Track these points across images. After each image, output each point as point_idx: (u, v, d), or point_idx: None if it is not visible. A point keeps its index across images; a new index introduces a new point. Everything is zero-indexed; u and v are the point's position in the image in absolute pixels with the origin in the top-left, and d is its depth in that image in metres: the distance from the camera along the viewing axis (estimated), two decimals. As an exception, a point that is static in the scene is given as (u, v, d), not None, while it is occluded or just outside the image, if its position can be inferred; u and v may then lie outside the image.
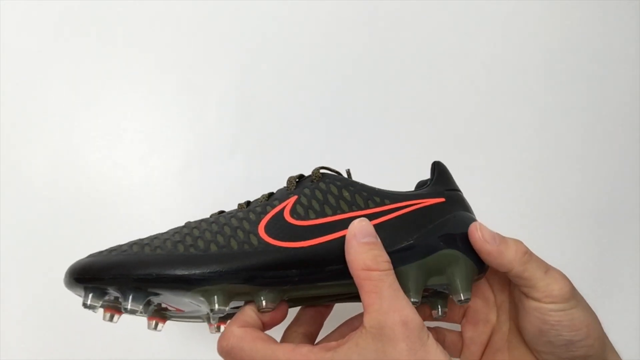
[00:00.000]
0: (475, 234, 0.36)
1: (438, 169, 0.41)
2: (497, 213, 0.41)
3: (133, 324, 0.49)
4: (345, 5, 0.63)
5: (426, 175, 0.42)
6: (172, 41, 0.60)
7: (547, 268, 0.36)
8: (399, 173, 0.43)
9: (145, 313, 0.36)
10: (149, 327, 0.38)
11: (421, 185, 0.43)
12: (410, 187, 0.42)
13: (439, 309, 0.40)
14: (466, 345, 0.41)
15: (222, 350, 0.33)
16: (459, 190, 0.40)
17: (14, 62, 0.57)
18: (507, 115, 0.62)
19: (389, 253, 0.35)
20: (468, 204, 0.40)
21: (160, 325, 0.38)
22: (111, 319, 0.37)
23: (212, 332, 0.37)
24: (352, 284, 0.35)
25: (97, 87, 0.57)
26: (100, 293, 0.34)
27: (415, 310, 0.31)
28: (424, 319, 0.40)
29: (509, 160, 0.60)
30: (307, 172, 0.40)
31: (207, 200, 0.41)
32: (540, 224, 0.56)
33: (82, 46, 0.58)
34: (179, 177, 0.56)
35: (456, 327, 0.44)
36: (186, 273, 0.33)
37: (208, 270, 0.33)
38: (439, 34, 0.64)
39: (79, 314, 0.49)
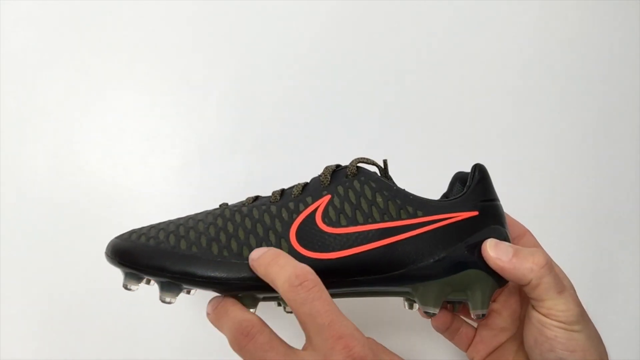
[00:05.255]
0: (487, 252, 0.36)
1: (479, 174, 0.39)
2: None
3: (133, 325, 0.53)
4: (347, 3, 0.59)
5: (424, 175, 0.41)
6: (172, 41, 0.57)
7: (562, 288, 0.35)
8: (400, 172, 0.42)
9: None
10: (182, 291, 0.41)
11: (457, 179, 0.42)
12: (416, 184, 0.41)
13: (454, 306, 0.43)
14: (475, 342, 0.43)
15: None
16: (496, 200, 0.39)
17: (14, 62, 0.54)
18: (506, 115, 0.60)
19: (416, 268, 0.36)
20: (502, 215, 0.39)
21: (193, 290, 0.41)
22: (148, 282, 0.40)
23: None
24: (372, 291, 0.38)
25: (97, 87, 0.55)
26: (137, 278, 0.37)
27: None
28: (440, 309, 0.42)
29: (508, 160, 0.59)
30: (307, 172, 0.41)
31: (208, 200, 0.40)
32: (540, 224, 0.55)
33: (81, 46, 0.56)
34: (179, 177, 0.55)
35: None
36: (219, 276, 0.35)
37: (240, 278, 0.35)
38: (440, 33, 0.61)
39: (79, 314, 0.52)
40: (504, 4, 0.62)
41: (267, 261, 0.33)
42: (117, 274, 0.47)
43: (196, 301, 0.53)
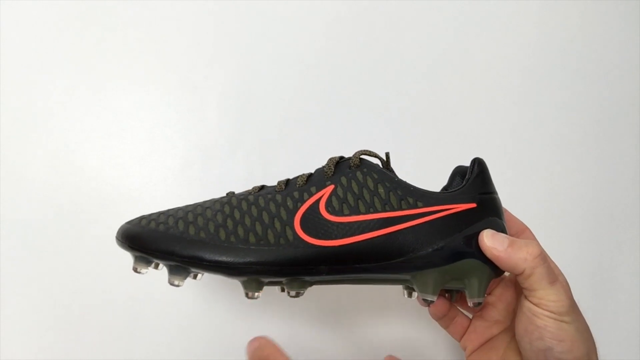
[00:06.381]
0: (484, 242, 0.37)
1: (478, 168, 0.41)
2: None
3: (134, 325, 0.53)
4: (346, 3, 0.59)
5: (425, 169, 0.42)
6: (172, 41, 0.57)
7: (554, 279, 0.36)
8: (401, 165, 0.43)
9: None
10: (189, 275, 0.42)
11: (457, 173, 0.44)
12: (416, 177, 0.42)
13: (452, 295, 0.44)
14: (469, 332, 0.44)
15: None
16: (494, 193, 0.41)
17: (14, 62, 0.55)
18: (507, 113, 0.61)
19: (415, 257, 0.37)
20: (499, 207, 0.41)
21: (199, 275, 0.43)
22: (156, 266, 0.41)
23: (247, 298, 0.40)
24: (373, 278, 0.39)
25: (97, 86, 0.55)
26: (146, 261, 0.38)
27: None
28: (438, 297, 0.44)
29: (508, 160, 0.60)
30: (309, 169, 0.42)
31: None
32: (541, 224, 0.55)
33: (82, 46, 0.56)
34: (179, 177, 0.55)
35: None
36: (226, 260, 0.36)
37: (246, 262, 0.36)
38: (441, 31, 0.61)
39: (79, 314, 0.53)
40: (504, 2, 0.62)
41: None
42: (117, 273, 0.48)
43: (196, 304, 0.55)
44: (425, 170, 0.48)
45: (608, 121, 0.62)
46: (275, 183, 0.41)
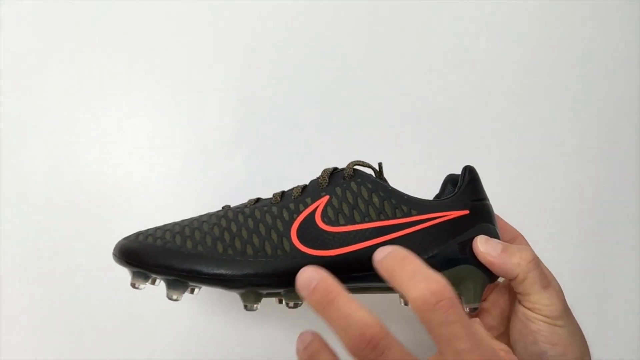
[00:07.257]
0: (478, 248, 0.38)
1: (469, 175, 0.41)
2: (497, 213, 0.42)
3: (134, 325, 0.53)
4: (347, 3, 0.60)
5: (417, 178, 0.43)
6: (172, 41, 0.57)
7: (547, 284, 0.37)
8: (394, 175, 0.44)
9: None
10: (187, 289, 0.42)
11: (448, 181, 0.44)
12: (409, 185, 0.42)
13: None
14: None
15: None
16: (485, 199, 0.41)
17: (14, 62, 0.55)
18: (506, 115, 0.61)
19: None
20: (492, 213, 0.41)
21: (196, 290, 0.43)
22: (153, 282, 0.41)
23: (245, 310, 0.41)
24: (370, 287, 0.39)
25: (97, 86, 0.56)
26: (144, 276, 0.38)
27: None
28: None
29: (508, 159, 0.60)
30: (307, 172, 0.42)
31: (208, 200, 0.41)
32: (541, 223, 0.55)
33: (82, 45, 0.56)
34: (179, 177, 0.55)
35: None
36: (224, 273, 0.37)
37: (244, 274, 0.37)
38: (432, 38, 0.62)
39: (79, 314, 0.53)
40: (497, 7, 0.63)
41: (392, 266, 0.31)
42: (118, 274, 0.48)
43: (197, 305, 0.55)
44: (417, 178, 0.48)
45: (608, 121, 0.62)
46: (274, 184, 0.42)
